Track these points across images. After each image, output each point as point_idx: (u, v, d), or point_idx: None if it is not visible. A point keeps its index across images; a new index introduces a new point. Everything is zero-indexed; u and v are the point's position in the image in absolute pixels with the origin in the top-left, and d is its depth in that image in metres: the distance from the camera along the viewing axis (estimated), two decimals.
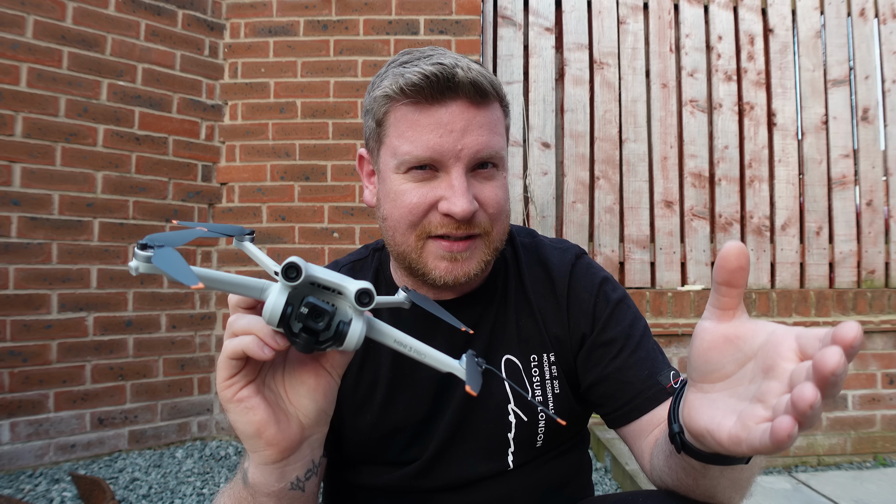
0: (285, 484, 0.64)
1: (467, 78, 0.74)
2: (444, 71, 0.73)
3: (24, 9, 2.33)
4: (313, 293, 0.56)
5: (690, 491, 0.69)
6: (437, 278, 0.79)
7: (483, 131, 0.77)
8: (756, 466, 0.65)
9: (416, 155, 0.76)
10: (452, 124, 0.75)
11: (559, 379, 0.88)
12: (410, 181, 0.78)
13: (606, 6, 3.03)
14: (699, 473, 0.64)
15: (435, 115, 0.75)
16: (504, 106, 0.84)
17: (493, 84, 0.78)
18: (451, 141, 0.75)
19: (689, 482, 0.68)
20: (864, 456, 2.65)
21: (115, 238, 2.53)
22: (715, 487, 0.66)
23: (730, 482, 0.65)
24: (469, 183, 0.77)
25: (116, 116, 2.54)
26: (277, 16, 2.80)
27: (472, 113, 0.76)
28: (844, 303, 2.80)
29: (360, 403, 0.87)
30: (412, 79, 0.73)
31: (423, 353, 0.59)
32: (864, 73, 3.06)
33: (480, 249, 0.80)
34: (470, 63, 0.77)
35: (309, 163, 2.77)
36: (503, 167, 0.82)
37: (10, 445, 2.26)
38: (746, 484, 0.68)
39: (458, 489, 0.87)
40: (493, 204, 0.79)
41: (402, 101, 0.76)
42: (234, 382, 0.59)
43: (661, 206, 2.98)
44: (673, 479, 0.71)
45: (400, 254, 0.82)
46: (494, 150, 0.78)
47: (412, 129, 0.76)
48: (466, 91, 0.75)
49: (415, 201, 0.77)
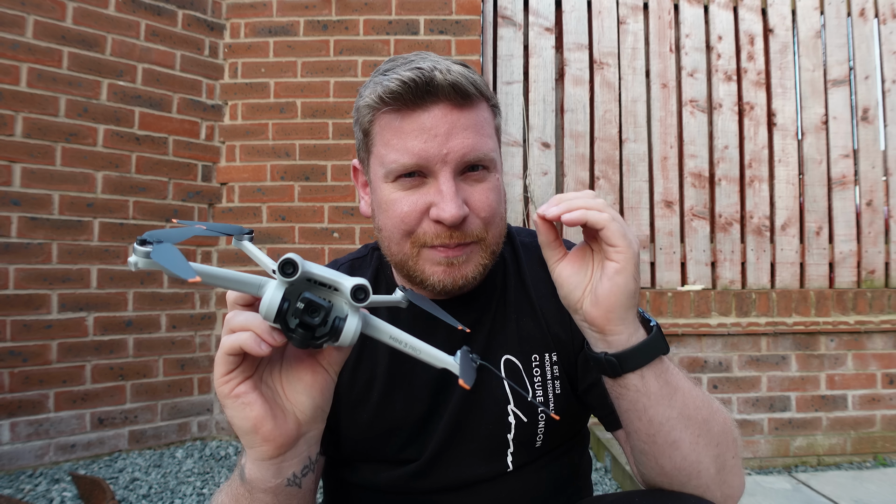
0: (282, 480, 0.64)
1: (446, 80, 0.73)
2: (422, 75, 0.72)
3: (24, 9, 2.34)
4: (310, 289, 0.57)
5: (653, 441, 0.70)
6: (435, 283, 0.79)
7: (468, 133, 0.76)
8: (694, 398, 0.71)
9: (402, 162, 0.75)
10: (436, 128, 0.74)
11: (560, 379, 0.88)
12: (400, 189, 0.77)
13: (606, 6, 3.03)
14: (634, 400, 0.69)
15: (417, 120, 0.74)
16: (493, 106, 0.83)
17: (475, 84, 0.76)
18: (435, 145, 0.74)
19: (644, 434, 0.70)
20: (864, 456, 2.65)
21: (115, 238, 2.53)
22: (664, 423, 0.69)
23: (677, 412, 0.68)
24: (459, 187, 0.76)
25: (116, 116, 2.55)
26: (277, 16, 2.81)
27: (455, 115, 0.75)
28: (844, 303, 2.80)
29: (356, 401, 0.87)
30: (390, 86, 0.73)
31: (418, 349, 0.60)
32: (864, 73, 3.07)
33: (477, 254, 0.80)
34: (451, 65, 0.76)
35: (309, 163, 2.77)
36: (495, 169, 0.81)
37: (10, 445, 2.27)
38: (701, 425, 0.70)
39: (457, 490, 0.87)
40: (484, 208, 0.78)
41: (383, 109, 0.76)
42: (232, 378, 0.60)
43: (661, 206, 2.98)
44: (639, 451, 0.73)
45: (397, 263, 0.82)
46: (482, 151, 0.77)
47: (396, 136, 0.76)
48: (447, 94, 0.74)
49: (406, 210, 0.76)
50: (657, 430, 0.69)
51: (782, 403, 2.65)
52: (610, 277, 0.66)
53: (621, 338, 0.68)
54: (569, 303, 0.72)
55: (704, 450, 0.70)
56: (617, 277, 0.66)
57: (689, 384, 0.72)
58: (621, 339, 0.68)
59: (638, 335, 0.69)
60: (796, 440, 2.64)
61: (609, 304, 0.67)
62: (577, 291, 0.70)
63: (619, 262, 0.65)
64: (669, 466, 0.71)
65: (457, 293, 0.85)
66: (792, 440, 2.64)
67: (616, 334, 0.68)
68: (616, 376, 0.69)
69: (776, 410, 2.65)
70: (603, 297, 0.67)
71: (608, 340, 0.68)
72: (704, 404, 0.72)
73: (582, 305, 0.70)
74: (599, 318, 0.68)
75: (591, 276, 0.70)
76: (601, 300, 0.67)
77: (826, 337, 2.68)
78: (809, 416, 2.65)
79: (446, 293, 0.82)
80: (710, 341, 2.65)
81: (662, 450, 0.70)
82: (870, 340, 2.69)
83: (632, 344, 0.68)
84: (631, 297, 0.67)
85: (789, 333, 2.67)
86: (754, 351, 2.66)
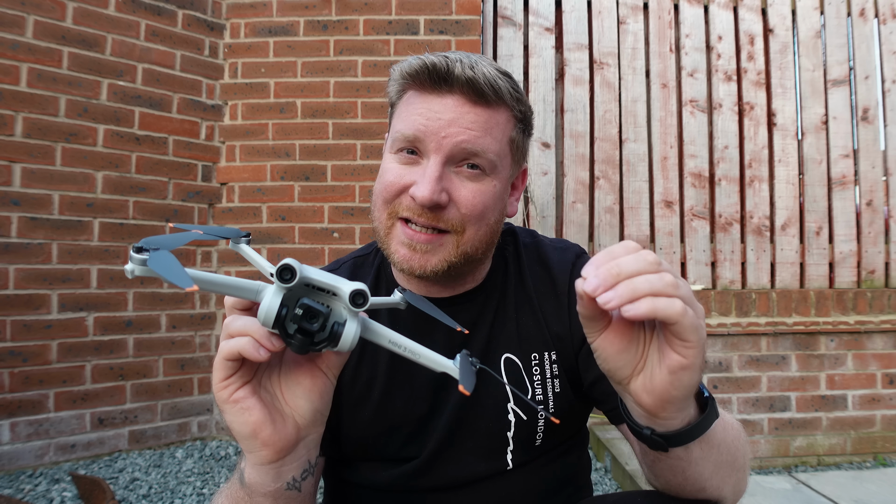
0: (281, 484, 0.64)
1: (464, 74, 0.75)
2: (443, 62, 0.75)
3: (24, 9, 2.33)
4: (308, 294, 0.57)
5: (681, 489, 0.70)
6: (397, 262, 0.81)
7: (472, 128, 0.77)
8: (728, 444, 0.68)
9: (402, 132, 0.78)
10: (442, 113, 0.77)
11: (560, 377, 0.88)
12: (396, 162, 0.80)
13: (606, 6, 3.03)
14: (672, 466, 0.66)
15: (430, 102, 0.77)
16: (519, 118, 0.82)
17: (495, 88, 0.77)
18: (436, 127, 0.76)
19: (675, 485, 0.69)
20: (864, 456, 2.65)
21: (115, 238, 2.53)
22: (698, 478, 0.67)
23: (712, 465, 0.67)
24: (446, 176, 0.77)
25: (116, 116, 2.55)
26: (277, 16, 2.80)
27: (466, 109, 0.77)
28: (844, 303, 2.80)
29: (357, 400, 0.87)
30: (414, 64, 0.78)
31: (417, 353, 0.60)
32: (864, 73, 3.06)
33: (447, 248, 0.79)
34: (483, 65, 0.77)
35: (309, 163, 2.77)
36: (495, 174, 0.80)
37: (10, 445, 2.27)
38: (730, 464, 0.69)
39: (457, 489, 0.87)
40: (467, 204, 0.78)
41: (409, 85, 0.80)
42: (231, 383, 0.60)
43: (661, 206, 2.98)
44: (662, 483, 0.72)
45: (376, 231, 0.84)
46: (480, 147, 0.77)
47: (408, 109, 0.79)
48: (462, 86, 0.76)
49: (391, 179, 0.79)
50: (691, 483, 0.68)
51: (782, 403, 2.65)
52: (673, 372, 0.55)
53: (674, 423, 0.61)
54: (612, 378, 0.61)
55: (727, 483, 0.71)
56: (682, 374, 0.55)
57: (724, 432, 0.67)
58: (673, 423, 0.61)
59: (690, 414, 0.61)
60: (796, 440, 2.64)
61: (668, 397, 0.57)
62: (624, 370, 0.59)
63: (688, 358, 0.54)
64: (691, 494, 0.71)
65: (452, 286, 0.87)
66: (792, 440, 2.64)
67: (668, 420, 0.60)
68: (658, 450, 0.63)
69: (776, 410, 2.65)
70: (660, 390, 0.57)
71: (657, 422, 0.61)
72: (734, 443, 0.69)
73: (629, 387, 0.60)
74: (652, 407, 0.59)
75: (645, 356, 0.59)
76: (658, 391, 0.57)
77: (826, 337, 2.68)
78: (809, 416, 2.65)
79: (425, 279, 0.83)
80: (710, 341, 2.65)
81: (689, 492, 0.70)
82: (870, 340, 2.69)
83: (683, 425, 0.61)
84: (693, 389, 0.58)
85: (789, 333, 2.67)
86: (754, 351, 2.66)
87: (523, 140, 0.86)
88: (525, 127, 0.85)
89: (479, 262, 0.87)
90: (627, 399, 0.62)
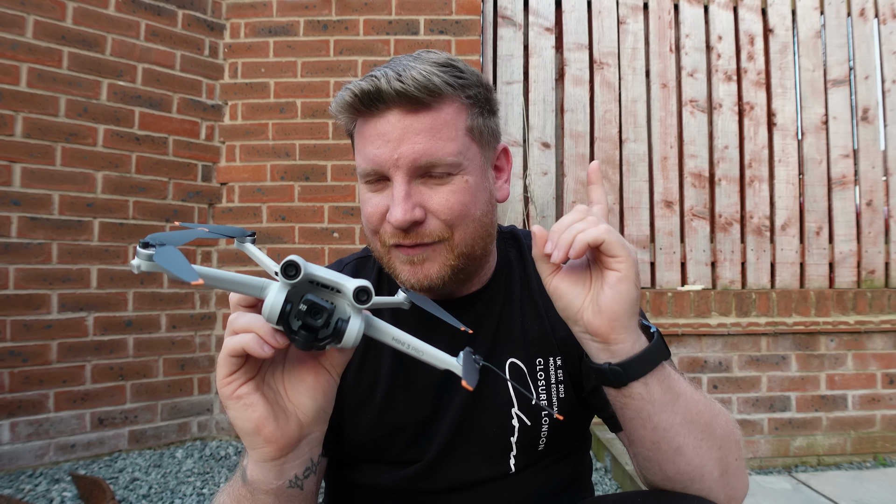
0: (284, 482, 0.64)
1: (392, 88, 0.73)
2: (370, 84, 0.74)
3: (24, 9, 2.33)
4: (312, 291, 0.57)
5: (654, 453, 0.71)
6: (404, 282, 0.80)
7: (421, 138, 0.75)
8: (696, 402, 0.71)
9: (362, 167, 0.79)
10: (389, 134, 0.75)
11: (565, 383, 0.88)
12: (369, 191, 0.80)
13: (606, 6, 3.03)
14: (638, 409, 0.69)
15: (376, 126, 0.77)
16: (472, 101, 0.80)
17: (431, 89, 0.74)
18: (387, 151, 0.75)
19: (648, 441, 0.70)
20: (864, 456, 2.65)
21: (115, 238, 2.53)
22: (668, 430, 0.68)
23: (680, 417, 0.68)
24: (415, 191, 0.76)
25: (116, 116, 2.55)
26: (277, 16, 2.80)
27: (409, 120, 0.75)
28: (844, 303, 2.80)
29: (360, 401, 0.87)
30: (345, 97, 0.77)
31: (420, 350, 0.60)
32: (864, 73, 3.07)
33: (442, 254, 0.78)
34: (409, 69, 0.74)
35: (309, 163, 2.77)
36: (463, 171, 0.78)
37: (10, 445, 2.26)
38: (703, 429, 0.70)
39: (459, 491, 0.87)
40: (443, 210, 0.77)
41: (351, 116, 0.80)
42: (234, 380, 0.60)
43: (661, 206, 2.98)
44: (642, 457, 0.73)
45: (377, 259, 0.85)
46: (436, 156, 0.75)
47: (361, 141, 0.79)
48: (394, 100, 0.74)
49: (370, 211, 0.80)
50: (661, 436, 0.69)
51: (782, 403, 2.65)
52: (612, 286, 0.65)
53: (625, 346, 0.67)
54: (568, 314, 0.70)
55: (708, 453, 0.70)
56: (619, 286, 0.65)
57: (690, 388, 0.72)
58: (625, 347, 0.67)
59: (640, 342, 0.68)
60: (796, 440, 2.64)
61: (612, 312, 0.66)
62: (576, 302, 0.69)
63: (622, 270, 0.65)
64: (673, 472, 0.71)
65: (455, 290, 0.86)
66: (792, 440, 2.64)
67: (620, 343, 0.67)
68: (621, 386, 0.68)
69: (776, 410, 2.65)
70: (606, 306, 0.66)
71: (612, 350, 0.68)
72: (707, 408, 0.72)
73: (583, 316, 0.69)
74: (603, 327, 0.67)
75: (591, 286, 0.69)
76: (604, 309, 0.66)
77: (826, 337, 2.68)
78: (809, 416, 2.66)
79: (426, 291, 0.81)
80: (710, 341, 2.66)
81: (666, 456, 0.70)
82: (870, 340, 2.69)
83: (635, 352, 0.67)
84: (634, 304, 0.67)
85: (789, 333, 2.67)
86: (754, 351, 2.66)
87: (485, 122, 0.82)
88: (483, 108, 0.82)
89: (483, 259, 0.86)
90: (583, 338, 0.70)
